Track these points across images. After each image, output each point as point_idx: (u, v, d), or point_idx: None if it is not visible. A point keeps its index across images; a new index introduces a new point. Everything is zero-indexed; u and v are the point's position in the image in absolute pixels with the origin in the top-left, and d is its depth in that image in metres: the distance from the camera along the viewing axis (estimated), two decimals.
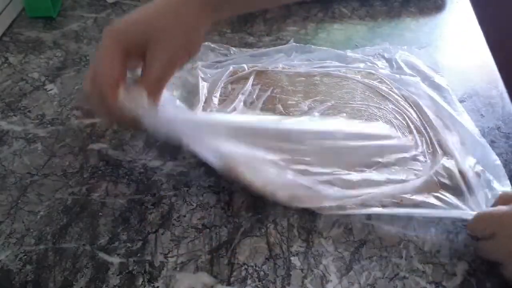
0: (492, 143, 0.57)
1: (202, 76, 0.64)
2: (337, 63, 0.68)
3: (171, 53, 0.46)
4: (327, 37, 0.75)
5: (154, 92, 0.46)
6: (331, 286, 0.44)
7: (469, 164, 0.53)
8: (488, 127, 0.60)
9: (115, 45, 0.45)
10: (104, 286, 0.44)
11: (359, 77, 0.65)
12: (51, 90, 0.64)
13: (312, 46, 0.71)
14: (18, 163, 0.54)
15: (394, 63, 0.68)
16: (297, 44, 0.71)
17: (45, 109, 0.61)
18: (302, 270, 0.45)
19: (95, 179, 0.53)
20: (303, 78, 0.65)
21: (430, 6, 0.82)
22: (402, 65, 0.68)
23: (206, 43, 0.70)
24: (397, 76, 0.65)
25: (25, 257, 0.45)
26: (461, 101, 0.63)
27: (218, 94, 0.61)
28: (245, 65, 0.66)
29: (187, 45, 0.48)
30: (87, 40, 0.73)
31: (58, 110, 0.61)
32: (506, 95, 0.64)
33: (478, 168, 0.53)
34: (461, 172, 0.52)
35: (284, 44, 0.72)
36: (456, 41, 0.76)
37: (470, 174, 0.52)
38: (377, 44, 0.73)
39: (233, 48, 0.70)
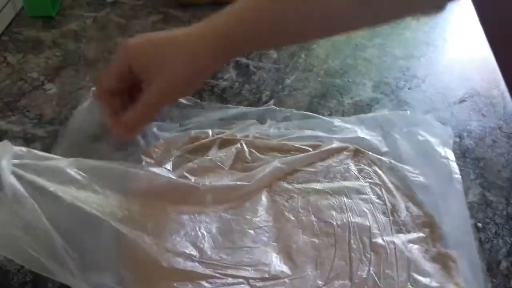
0: (493, 143, 0.57)
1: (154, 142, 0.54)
2: (319, 133, 0.56)
3: (171, 83, 0.47)
4: None
5: (144, 118, 0.50)
6: None
7: None
8: (490, 127, 0.59)
9: (121, 59, 0.48)
10: None
11: (343, 157, 0.53)
12: (50, 89, 0.64)
13: (294, 111, 0.59)
14: None
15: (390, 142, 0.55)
16: (277, 108, 0.60)
17: (44, 109, 0.61)
18: None
19: None
20: (275, 153, 0.53)
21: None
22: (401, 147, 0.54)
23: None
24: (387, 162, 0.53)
25: None
26: (461, 101, 0.63)
27: (169, 167, 0.50)
28: (209, 131, 0.55)
29: (190, 79, 0.48)
30: (86, 40, 0.73)
31: (57, 110, 0.61)
32: (507, 95, 0.64)
33: None
34: None
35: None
36: (456, 40, 0.75)
37: None
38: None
39: (204, 103, 0.59)
